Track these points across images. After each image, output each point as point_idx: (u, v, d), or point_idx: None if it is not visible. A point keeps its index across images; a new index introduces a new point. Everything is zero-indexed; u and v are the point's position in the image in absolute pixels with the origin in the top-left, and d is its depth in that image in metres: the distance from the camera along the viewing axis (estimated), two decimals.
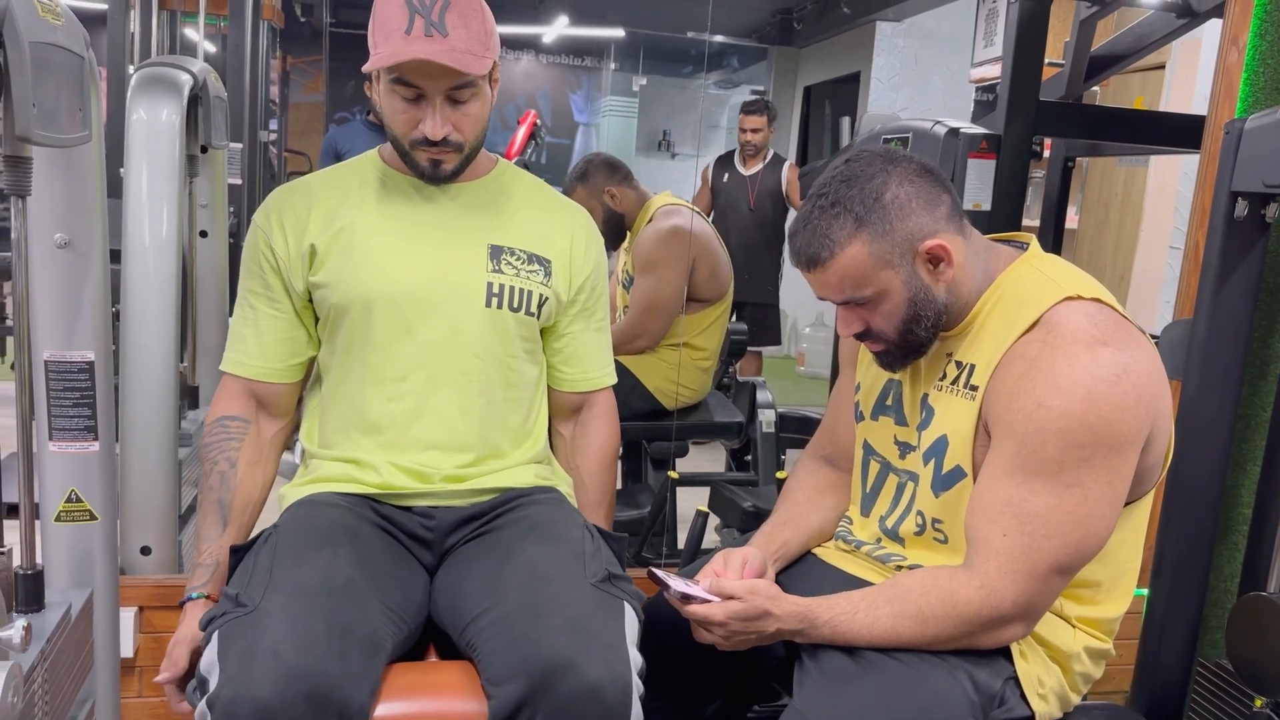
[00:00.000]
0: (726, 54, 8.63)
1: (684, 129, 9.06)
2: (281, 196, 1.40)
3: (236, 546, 1.28)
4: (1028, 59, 2.43)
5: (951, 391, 1.18)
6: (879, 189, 1.13)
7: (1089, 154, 3.21)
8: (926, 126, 2.54)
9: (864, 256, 1.13)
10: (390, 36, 1.25)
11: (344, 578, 1.17)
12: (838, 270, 1.14)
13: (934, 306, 1.16)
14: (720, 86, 9.32)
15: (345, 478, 1.36)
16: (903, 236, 1.13)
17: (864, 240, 1.13)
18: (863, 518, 1.30)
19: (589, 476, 1.49)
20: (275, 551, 1.21)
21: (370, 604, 1.17)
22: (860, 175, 1.14)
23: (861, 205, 1.13)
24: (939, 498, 1.18)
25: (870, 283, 1.14)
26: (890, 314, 1.16)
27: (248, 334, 1.39)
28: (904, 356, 1.20)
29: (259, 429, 1.40)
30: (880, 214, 1.12)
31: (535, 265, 1.39)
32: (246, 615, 1.11)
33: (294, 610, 1.11)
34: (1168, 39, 2.65)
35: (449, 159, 1.32)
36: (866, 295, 1.15)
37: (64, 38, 1.15)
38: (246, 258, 1.40)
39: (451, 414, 1.36)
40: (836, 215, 1.13)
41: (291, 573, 1.17)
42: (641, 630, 1.21)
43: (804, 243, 1.16)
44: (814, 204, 1.16)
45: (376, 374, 1.35)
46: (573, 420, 1.51)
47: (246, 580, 1.18)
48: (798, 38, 7.50)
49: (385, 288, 1.33)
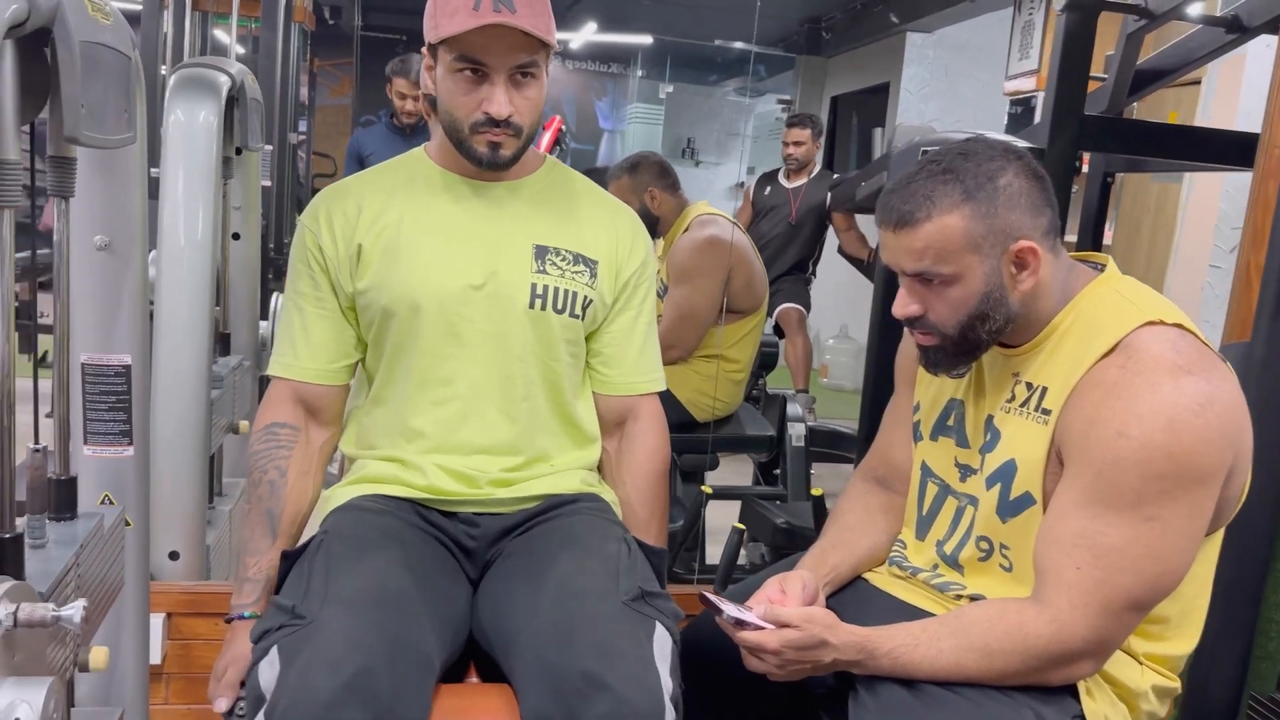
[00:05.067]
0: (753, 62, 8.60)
1: (708, 137, 9.04)
2: (330, 197, 1.38)
3: (287, 552, 1.25)
4: (1073, 73, 2.38)
5: (1021, 414, 1.14)
6: (994, 171, 1.09)
7: (1129, 169, 3.16)
8: None
9: (958, 230, 1.09)
10: (456, 12, 1.23)
11: (398, 588, 1.15)
12: (927, 235, 1.09)
13: (1004, 310, 1.12)
14: (743, 94, 9.30)
15: (392, 479, 1.33)
16: (1002, 226, 1.09)
17: (964, 214, 1.08)
18: (918, 541, 1.26)
19: (637, 494, 1.43)
20: (329, 559, 1.18)
21: (423, 618, 1.15)
22: (979, 154, 1.11)
23: (973, 180, 1.09)
24: (1005, 524, 1.13)
25: (953, 260, 1.10)
26: (958, 303, 1.12)
27: (296, 336, 1.36)
28: (953, 356, 1.16)
29: (308, 437, 1.37)
30: (989, 195, 1.09)
31: (581, 266, 1.37)
32: (305, 628, 1.09)
33: (353, 624, 1.08)
34: (1216, 54, 2.60)
35: (508, 143, 1.29)
36: (943, 272, 1.10)
37: (112, 37, 1.12)
38: (295, 259, 1.38)
39: (497, 419, 1.34)
40: (945, 181, 1.09)
41: (348, 583, 1.14)
42: (679, 651, 1.18)
43: (900, 199, 1.11)
44: (922, 167, 1.12)
45: (422, 378, 1.33)
46: (618, 433, 1.46)
47: (302, 591, 1.14)
48: (826, 47, 7.46)
49: (432, 291, 1.31)
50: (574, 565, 1.20)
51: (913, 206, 1.10)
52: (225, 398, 2.14)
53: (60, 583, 1.04)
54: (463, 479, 1.33)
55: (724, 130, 9.16)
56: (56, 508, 1.17)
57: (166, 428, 1.90)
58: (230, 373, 2.18)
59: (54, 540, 1.11)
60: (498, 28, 1.22)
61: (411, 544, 1.26)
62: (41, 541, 1.09)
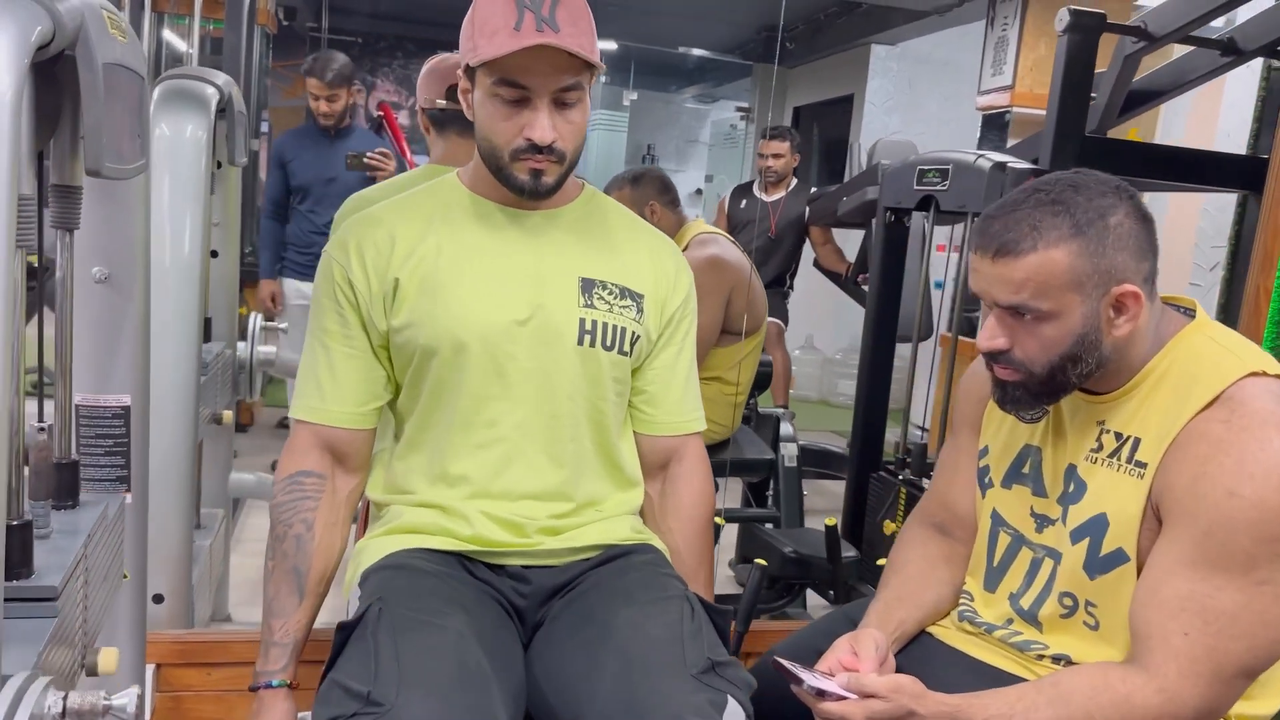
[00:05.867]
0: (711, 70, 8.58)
1: (668, 144, 9.01)
2: (360, 227, 1.28)
3: (344, 624, 1.14)
4: (1075, 93, 2.36)
5: (1110, 466, 1.09)
6: (1106, 209, 1.05)
7: None
8: (969, 159, 2.46)
9: (1064, 266, 1.04)
10: (496, 33, 1.15)
11: (475, 664, 1.07)
12: (1029, 267, 1.04)
13: (1097, 354, 1.07)
14: (701, 101, 9.29)
15: (435, 528, 1.24)
16: (1107, 267, 1.04)
17: (1072, 250, 1.03)
18: (987, 593, 1.20)
19: (684, 541, 1.36)
20: (395, 633, 1.08)
21: (497, 693, 1.07)
22: (1090, 188, 1.06)
23: (1084, 215, 1.04)
24: (1094, 580, 1.08)
25: (1053, 297, 1.04)
26: (1051, 342, 1.06)
27: (322, 377, 1.26)
28: (1035, 397, 1.11)
29: (334, 485, 1.28)
30: (1100, 233, 1.04)
31: (628, 300, 1.29)
32: (384, 717, 0.99)
33: (436, 710, 0.99)
34: (1209, 76, 2.60)
35: (551, 170, 1.22)
36: (1041, 308, 1.05)
37: (129, 56, 1.03)
38: (319, 294, 1.28)
39: (543, 462, 1.26)
40: (1055, 213, 1.04)
41: (423, 662, 1.05)
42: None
43: (1004, 226, 1.06)
44: (1029, 195, 1.06)
45: (466, 420, 1.24)
46: (660, 476, 1.39)
47: (372, 672, 1.04)
48: (788, 57, 7.45)
49: (477, 327, 1.22)
50: (636, 631, 1.13)
51: (1017, 235, 1.04)
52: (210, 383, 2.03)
53: (70, 577, 0.96)
54: (510, 527, 1.24)
55: (683, 137, 9.14)
56: (58, 494, 1.09)
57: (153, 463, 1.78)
58: (213, 358, 2.06)
59: (58, 530, 1.03)
60: (540, 49, 1.14)
61: (474, 608, 1.17)
62: (46, 531, 1.01)
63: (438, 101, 2.00)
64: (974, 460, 1.25)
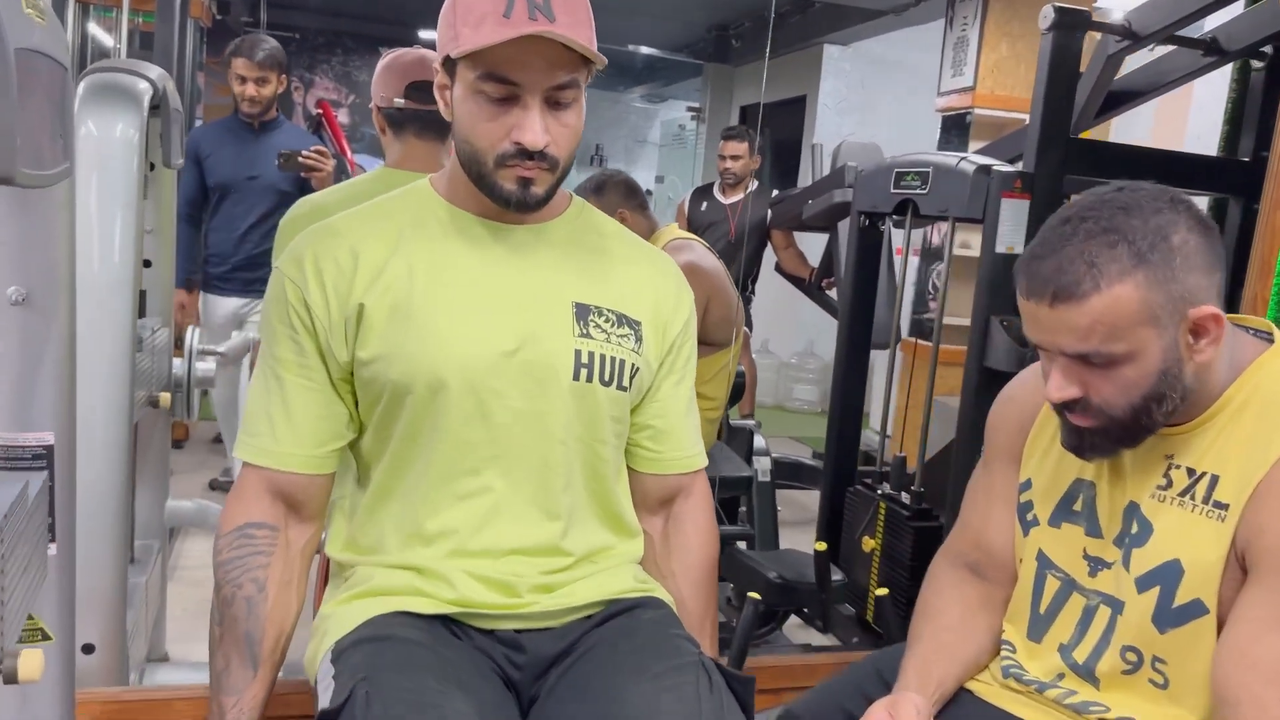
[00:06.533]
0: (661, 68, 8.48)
1: (615, 143, 8.89)
2: (316, 240, 1.12)
3: (327, 712, 0.98)
4: (1059, 93, 2.28)
5: (1183, 505, 0.98)
6: (1165, 227, 0.93)
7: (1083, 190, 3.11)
8: (950, 162, 2.37)
9: (1133, 302, 0.93)
10: (482, 21, 1.01)
11: None
12: (1095, 311, 0.93)
13: (1181, 388, 0.97)
14: (649, 101, 9.18)
15: (409, 590, 1.09)
16: (1180, 293, 0.93)
17: (1138, 283, 0.92)
18: (1031, 643, 1.09)
19: (690, 587, 1.23)
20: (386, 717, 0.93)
21: None
22: (1143, 206, 0.94)
23: (1144, 240, 0.93)
24: (1164, 634, 0.97)
25: (1126, 337, 0.93)
26: (1131, 385, 0.95)
27: (274, 413, 1.10)
28: (1117, 443, 1.00)
29: (288, 539, 1.12)
30: (1164, 257, 0.93)
31: (625, 328, 1.15)
32: None
33: None
34: (1190, 77, 2.54)
35: (542, 180, 1.07)
36: (1114, 352, 0.94)
37: (48, 43, 0.86)
38: (270, 316, 1.12)
39: (533, 514, 1.11)
40: (1111, 243, 0.93)
41: None
42: None
43: (1056, 267, 0.94)
44: (1075, 225, 0.94)
45: (445, 467, 1.09)
46: (662, 515, 1.25)
47: None
48: (734, 56, 7.37)
49: (459, 362, 1.07)
50: (647, 706, 0.99)
51: (1074, 277, 0.93)
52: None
53: None
54: (499, 587, 1.09)
55: (631, 137, 9.02)
56: None
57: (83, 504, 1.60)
58: (149, 336, 1.88)
59: None
60: (534, 40, 0.99)
61: (471, 684, 1.02)
62: None
63: (395, 100, 1.84)
64: (1012, 495, 1.14)
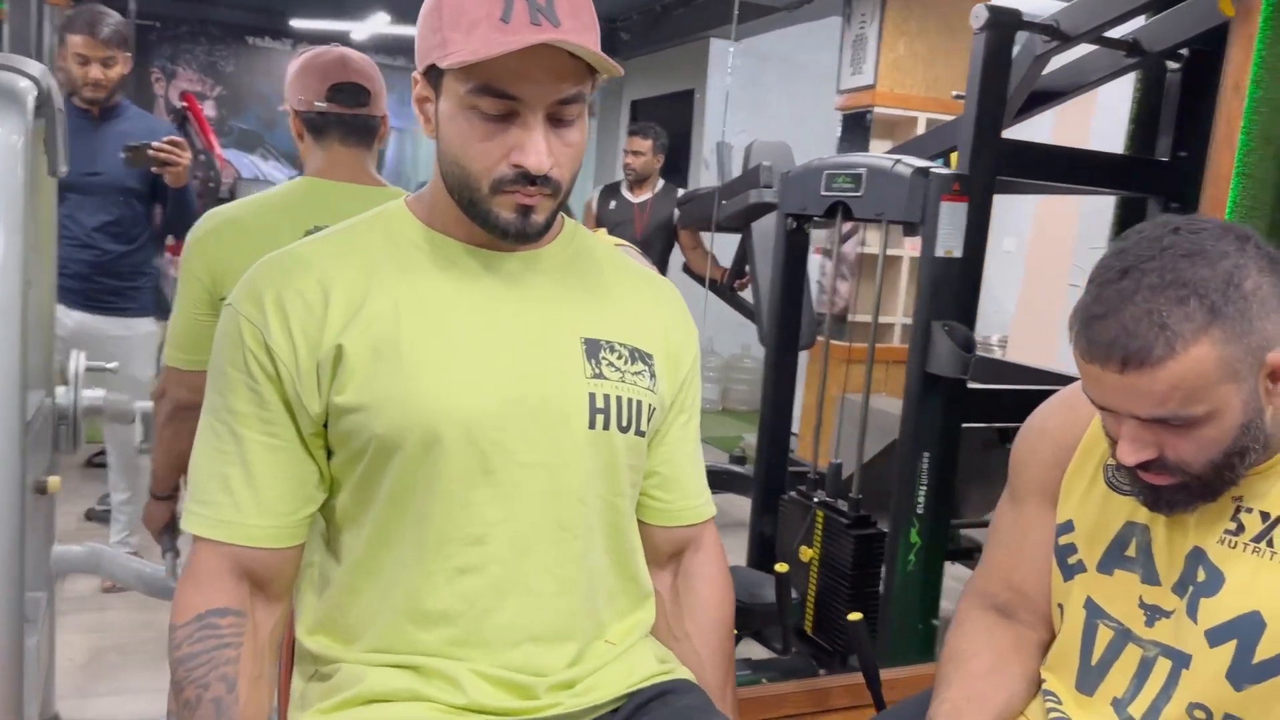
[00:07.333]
0: None
1: None
2: (277, 273, 0.96)
3: None
4: (992, 94, 2.27)
5: (1257, 552, 0.92)
6: (1235, 273, 0.85)
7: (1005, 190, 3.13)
8: (885, 165, 2.33)
9: (1212, 361, 0.85)
10: (475, 26, 0.87)
11: None
12: (1173, 376, 0.85)
13: (1263, 437, 0.90)
14: None
15: (409, 695, 0.94)
16: (1258, 341, 0.86)
17: (1215, 339, 0.84)
18: (1082, 695, 1.02)
19: (708, 651, 1.11)
20: None
21: None
22: (1208, 252, 0.86)
23: (1218, 291, 0.84)
24: (1241, 691, 0.92)
25: (1206, 397, 0.86)
26: (1211, 442, 0.88)
27: (233, 477, 0.94)
28: (1198, 499, 0.93)
29: (255, 624, 0.95)
30: (1240, 307, 0.84)
31: (639, 365, 1.02)
32: None
33: None
34: (1111, 77, 2.58)
35: (543, 206, 0.94)
36: (1194, 414, 0.86)
37: None
38: (223, 362, 0.95)
39: (547, 587, 0.97)
40: (1182, 299, 0.84)
41: None
42: None
43: (1122, 330, 0.85)
44: (1137, 278, 0.86)
45: (443, 535, 0.94)
46: (670, 570, 1.14)
47: None
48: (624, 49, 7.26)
49: (459, 412, 0.93)
50: None
51: (1146, 340, 0.84)
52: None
53: None
54: (514, 690, 0.95)
55: None
56: None
57: None
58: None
59: None
60: (537, 48, 0.86)
61: None
62: None
63: (316, 104, 1.67)
64: (1047, 535, 1.07)
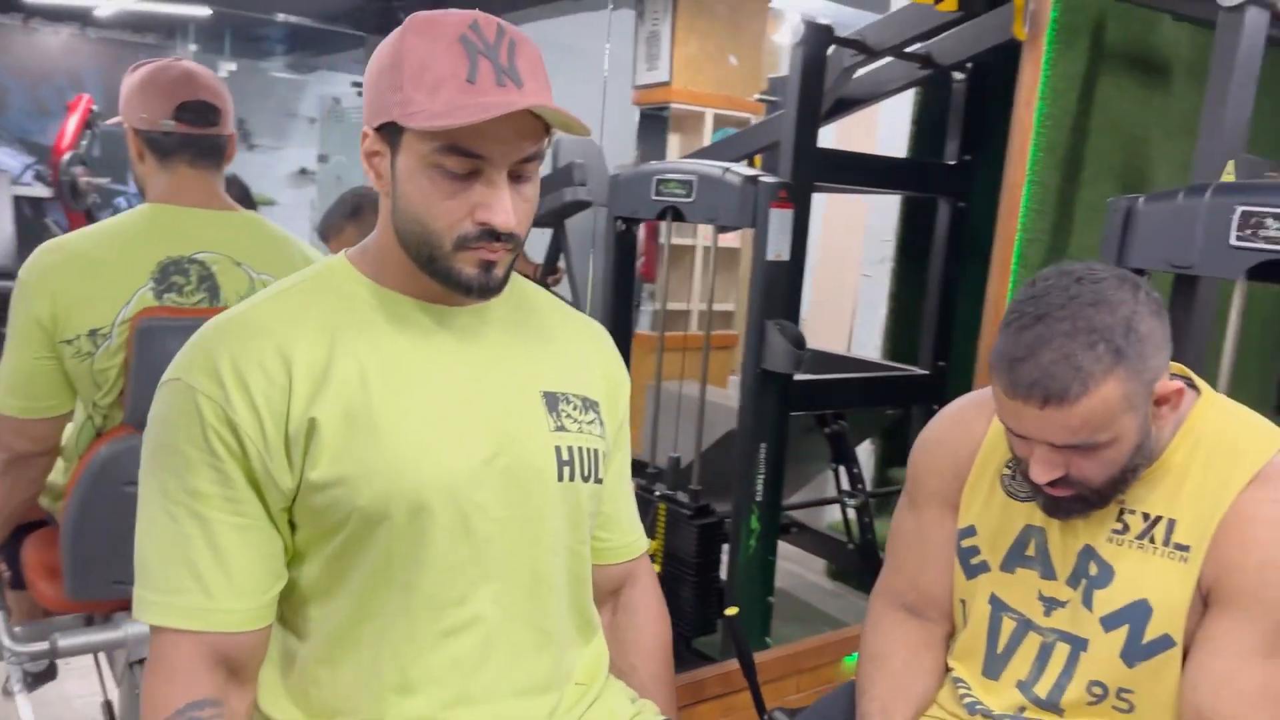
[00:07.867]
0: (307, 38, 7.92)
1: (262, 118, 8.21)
2: (230, 342, 0.91)
3: None
4: (809, 105, 2.41)
5: (1143, 549, 1.07)
6: (1132, 318, 0.98)
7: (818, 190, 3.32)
8: (716, 172, 2.43)
9: (1116, 397, 0.98)
10: (440, 86, 0.88)
11: None
12: (1084, 412, 0.97)
13: (1149, 453, 1.05)
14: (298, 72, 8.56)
15: None
16: (1150, 377, 1.00)
17: (1119, 378, 0.97)
18: (988, 680, 1.15)
19: (652, 676, 1.16)
20: None
21: None
22: (1110, 300, 0.98)
23: (1121, 336, 0.97)
24: (1133, 668, 1.06)
25: (1111, 426, 0.99)
26: (1111, 462, 1.02)
27: (200, 562, 0.89)
28: (1093, 507, 1.07)
29: (233, 711, 0.91)
30: (1137, 349, 0.98)
31: (591, 414, 1.05)
32: None
33: None
34: (907, 87, 2.80)
35: (504, 261, 0.95)
36: (1100, 441, 1.00)
37: None
38: (178, 439, 0.89)
39: (528, 640, 0.99)
40: (1091, 343, 0.97)
41: None
42: None
43: (1040, 371, 0.97)
44: (1051, 326, 0.97)
45: (430, 601, 0.94)
46: (609, 606, 1.18)
47: None
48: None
49: (441, 477, 0.93)
50: None
51: (1063, 381, 0.97)
52: None
53: None
54: None
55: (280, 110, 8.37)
56: None
57: None
58: None
59: None
60: None
61: None
62: None
63: (163, 122, 1.56)
64: (947, 540, 1.19)
